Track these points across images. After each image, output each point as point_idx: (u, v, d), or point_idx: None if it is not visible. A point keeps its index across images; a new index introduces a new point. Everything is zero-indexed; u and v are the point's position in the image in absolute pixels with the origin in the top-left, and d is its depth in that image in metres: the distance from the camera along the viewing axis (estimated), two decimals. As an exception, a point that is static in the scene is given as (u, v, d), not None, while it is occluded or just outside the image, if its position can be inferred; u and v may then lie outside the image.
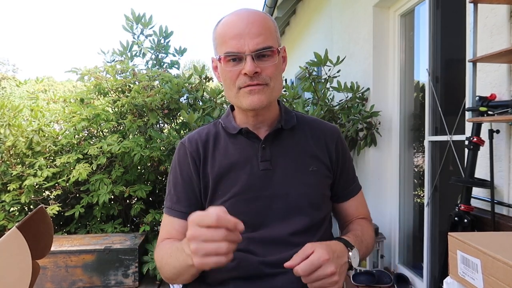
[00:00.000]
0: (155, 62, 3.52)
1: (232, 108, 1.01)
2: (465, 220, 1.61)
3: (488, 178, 1.60)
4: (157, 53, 3.52)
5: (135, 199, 3.06)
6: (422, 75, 2.63)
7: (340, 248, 0.82)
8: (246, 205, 0.89)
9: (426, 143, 2.43)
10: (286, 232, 0.88)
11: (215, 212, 0.64)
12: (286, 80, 3.54)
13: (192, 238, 0.65)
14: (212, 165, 0.93)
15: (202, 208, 0.93)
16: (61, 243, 2.59)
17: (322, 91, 2.91)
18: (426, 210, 2.41)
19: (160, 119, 3.14)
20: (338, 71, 2.92)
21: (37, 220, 0.40)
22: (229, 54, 0.83)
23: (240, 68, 0.84)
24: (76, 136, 3.00)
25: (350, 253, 0.83)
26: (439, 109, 2.30)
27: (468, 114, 1.69)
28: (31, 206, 3.00)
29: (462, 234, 1.02)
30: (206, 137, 0.97)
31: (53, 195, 2.73)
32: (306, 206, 0.91)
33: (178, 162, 0.97)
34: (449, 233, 1.03)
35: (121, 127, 3.23)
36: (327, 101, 2.94)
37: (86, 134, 3.20)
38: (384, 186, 2.88)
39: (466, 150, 1.69)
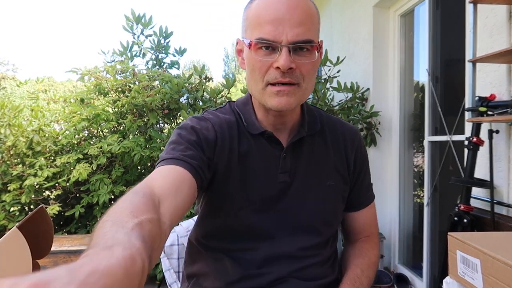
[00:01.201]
0: (155, 62, 3.53)
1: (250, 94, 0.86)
2: (465, 220, 1.61)
3: (488, 178, 1.60)
4: (157, 53, 3.52)
5: (135, 199, 3.05)
6: (422, 75, 2.63)
7: None
8: (259, 215, 0.83)
9: (426, 143, 2.43)
10: (294, 248, 0.84)
11: None
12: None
13: None
14: (237, 162, 0.81)
15: (205, 188, 0.79)
16: (61, 243, 2.59)
17: (322, 91, 2.91)
18: (426, 210, 2.41)
19: (160, 119, 3.14)
20: (338, 71, 2.92)
21: (37, 220, 0.40)
22: (262, 41, 0.71)
23: (272, 59, 0.71)
24: (76, 136, 3.01)
25: None
26: (439, 109, 2.30)
27: (467, 114, 1.69)
28: (31, 206, 3.00)
29: (461, 234, 1.02)
30: (230, 125, 0.83)
31: (53, 195, 2.73)
32: (318, 224, 0.86)
33: (196, 129, 0.79)
34: (448, 233, 1.03)
35: (121, 127, 3.23)
36: (327, 101, 2.94)
37: (86, 134, 3.20)
38: (384, 186, 2.88)
39: (466, 150, 1.69)
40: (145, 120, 3.01)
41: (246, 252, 0.84)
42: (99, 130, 3.17)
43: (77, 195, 2.90)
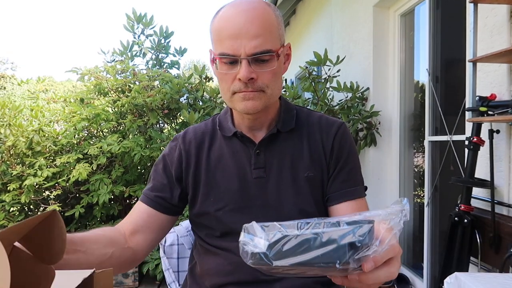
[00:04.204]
0: (155, 62, 3.53)
1: None
2: (465, 220, 1.61)
3: (488, 178, 1.60)
4: (158, 53, 3.52)
5: (135, 199, 3.06)
6: (422, 75, 2.63)
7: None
8: (239, 213, 0.86)
9: (426, 143, 2.43)
10: None
11: None
12: (286, 80, 3.54)
13: None
14: (206, 168, 0.89)
15: (174, 206, 0.91)
16: (61, 243, 2.59)
17: (322, 91, 2.91)
18: (426, 210, 2.40)
19: (160, 119, 3.14)
20: (338, 71, 2.92)
21: (50, 224, 0.40)
22: (223, 55, 0.77)
23: (235, 72, 0.77)
24: (76, 136, 3.01)
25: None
26: (439, 109, 2.30)
27: (468, 114, 1.69)
28: (31, 206, 3.00)
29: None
30: (202, 136, 0.92)
31: (53, 195, 2.73)
32: (301, 217, 0.85)
33: (166, 155, 0.93)
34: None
35: (121, 127, 3.23)
36: (327, 101, 2.94)
37: (86, 134, 3.20)
38: (384, 186, 2.88)
39: (466, 150, 1.68)
40: (145, 120, 3.01)
41: (236, 247, 0.84)
42: (99, 130, 3.17)
43: (77, 195, 2.90)
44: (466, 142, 1.66)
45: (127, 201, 3.13)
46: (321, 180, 0.89)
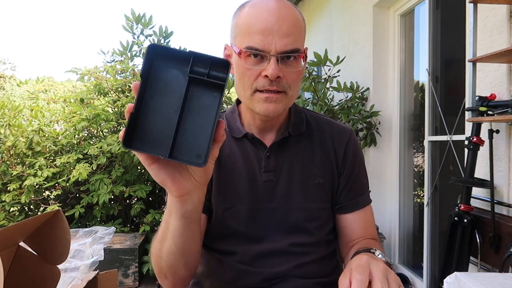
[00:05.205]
0: (155, 62, 3.52)
1: (237, 101, 0.92)
2: (465, 220, 1.62)
3: (488, 178, 1.60)
4: (157, 53, 3.52)
5: (135, 199, 3.06)
6: (422, 75, 2.63)
7: (366, 257, 0.68)
8: (247, 215, 0.84)
9: (426, 143, 2.43)
10: (286, 244, 0.84)
11: None
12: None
13: None
14: (217, 166, 0.85)
15: (208, 203, 0.85)
16: (61, 243, 2.58)
17: (322, 91, 2.91)
18: (426, 210, 2.41)
19: (160, 119, 3.14)
20: (338, 71, 2.92)
21: (53, 224, 0.40)
22: (251, 49, 0.74)
23: (261, 68, 0.74)
24: (76, 136, 3.01)
25: (376, 252, 0.73)
26: (439, 109, 2.30)
27: (468, 114, 1.69)
28: (31, 206, 3.00)
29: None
30: None
31: (53, 195, 2.74)
32: (309, 223, 0.86)
33: None
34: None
35: (121, 127, 3.23)
36: (327, 101, 2.94)
37: (86, 134, 3.20)
38: (384, 186, 2.88)
39: (466, 150, 1.69)
40: (145, 120, 3.01)
41: (239, 251, 0.84)
42: (99, 130, 3.17)
43: (77, 195, 2.90)
44: (466, 142, 1.66)
45: (127, 201, 3.13)
46: (331, 188, 0.89)
